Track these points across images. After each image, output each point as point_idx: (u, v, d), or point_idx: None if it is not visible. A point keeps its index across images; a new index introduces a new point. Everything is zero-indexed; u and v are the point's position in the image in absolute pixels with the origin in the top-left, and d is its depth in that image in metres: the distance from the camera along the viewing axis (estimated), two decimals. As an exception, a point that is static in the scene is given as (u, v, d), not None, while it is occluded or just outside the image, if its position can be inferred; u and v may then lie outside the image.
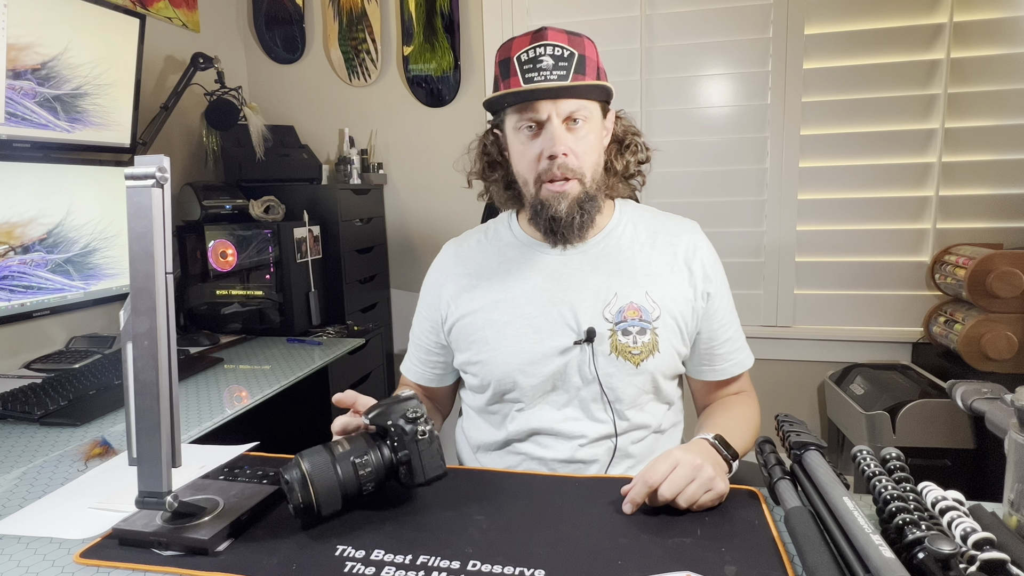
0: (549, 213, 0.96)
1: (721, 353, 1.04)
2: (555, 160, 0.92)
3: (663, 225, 1.06)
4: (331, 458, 0.73)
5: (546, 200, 0.95)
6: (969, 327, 1.79)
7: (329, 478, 0.72)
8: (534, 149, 0.94)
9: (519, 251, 1.04)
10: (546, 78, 0.89)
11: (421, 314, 1.11)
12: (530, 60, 0.90)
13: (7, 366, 1.56)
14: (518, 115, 0.93)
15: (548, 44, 0.90)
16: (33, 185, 1.49)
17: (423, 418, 0.76)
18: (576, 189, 0.95)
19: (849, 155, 2.07)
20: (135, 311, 0.66)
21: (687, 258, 1.02)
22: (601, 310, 0.97)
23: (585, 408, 0.98)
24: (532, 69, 0.89)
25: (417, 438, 0.75)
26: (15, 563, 0.70)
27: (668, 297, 0.99)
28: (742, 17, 2.08)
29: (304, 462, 0.73)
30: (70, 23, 1.56)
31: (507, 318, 0.99)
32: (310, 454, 0.74)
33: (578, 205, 0.95)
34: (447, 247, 1.13)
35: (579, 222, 0.97)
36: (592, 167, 0.96)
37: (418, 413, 0.76)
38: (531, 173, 0.96)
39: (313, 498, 0.72)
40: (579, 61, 0.91)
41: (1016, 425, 0.64)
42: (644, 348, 0.96)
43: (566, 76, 0.89)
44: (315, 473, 0.72)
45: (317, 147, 2.45)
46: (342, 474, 0.73)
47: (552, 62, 0.89)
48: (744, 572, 0.63)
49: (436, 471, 0.76)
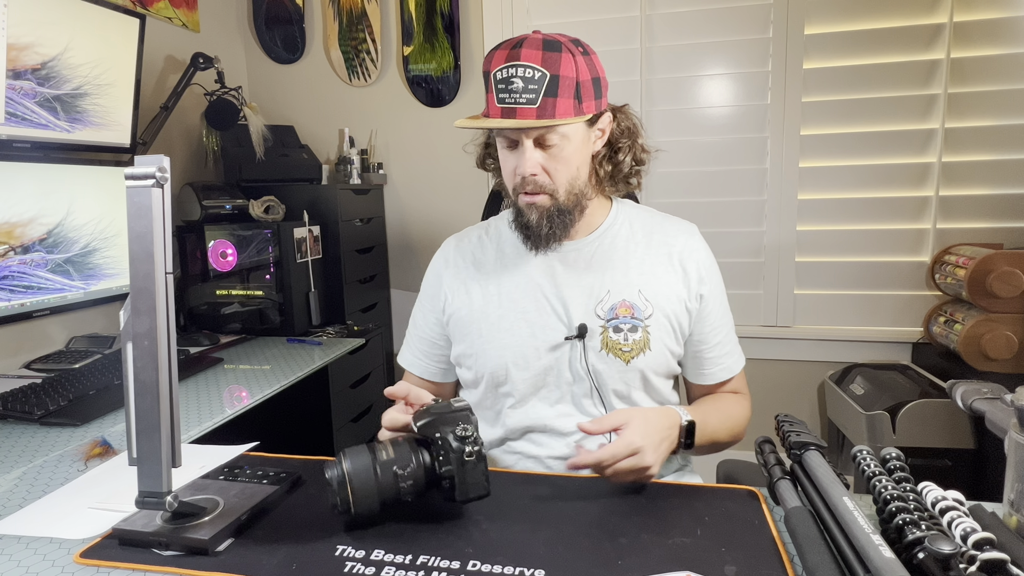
0: (523, 220, 0.99)
1: (710, 357, 1.04)
2: (525, 179, 0.95)
3: (660, 226, 1.07)
4: (373, 462, 0.72)
5: (521, 208, 0.99)
6: (969, 327, 1.79)
7: (368, 482, 0.71)
8: (510, 163, 0.97)
9: (516, 247, 1.06)
10: (516, 101, 0.89)
11: (424, 306, 1.12)
12: (503, 80, 0.90)
13: (7, 366, 1.56)
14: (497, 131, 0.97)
15: (520, 65, 0.89)
16: (33, 185, 1.49)
17: (472, 438, 0.73)
18: (547, 202, 0.96)
19: (849, 155, 2.07)
20: (135, 311, 0.66)
21: (682, 258, 1.03)
22: (593, 307, 0.99)
23: (578, 404, 0.99)
24: (504, 90, 0.90)
25: (464, 459, 0.72)
26: (15, 563, 0.70)
27: (661, 296, 1.00)
28: (742, 17, 2.08)
29: (345, 462, 0.71)
30: (70, 23, 1.56)
31: (501, 311, 1.01)
32: (353, 454, 0.72)
33: (547, 218, 0.97)
34: (448, 242, 1.14)
35: (547, 232, 0.98)
36: (567, 182, 0.96)
37: (468, 432, 0.73)
38: (509, 184, 1.00)
39: (350, 499, 0.71)
40: (551, 83, 0.89)
41: (1016, 425, 0.64)
42: (635, 346, 0.98)
43: (535, 100, 0.89)
44: (355, 475, 0.71)
45: (317, 147, 2.45)
46: (382, 480, 0.71)
47: (522, 84, 0.89)
48: (744, 572, 0.63)
49: (479, 491, 0.74)
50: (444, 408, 0.76)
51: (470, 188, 2.34)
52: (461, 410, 0.75)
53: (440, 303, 1.08)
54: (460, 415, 0.75)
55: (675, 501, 0.78)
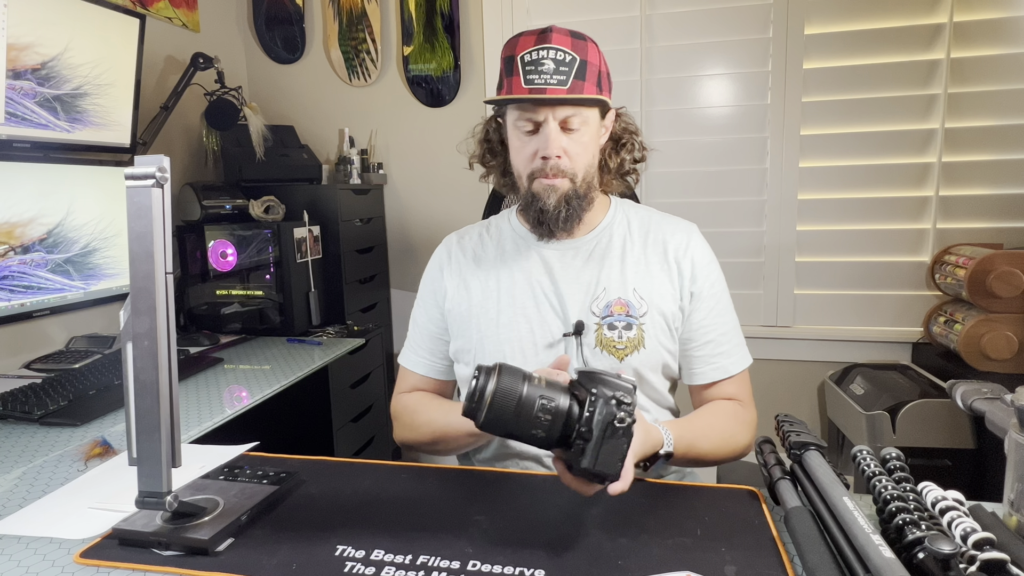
0: (538, 205, 0.99)
1: (700, 356, 1.03)
2: (548, 161, 0.96)
3: (658, 224, 1.08)
4: (522, 385, 0.67)
5: (537, 193, 0.99)
6: (969, 327, 1.79)
7: (508, 405, 0.66)
8: (530, 147, 0.97)
9: (516, 244, 1.08)
10: (546, 82, 0.92)
11: (427, 303, 1.11)
12: (532, 62, 0.92)
13: (7, 366, 1.56)
14: (518, 113, 0.97)
15: (551, 48, 0.92)
16: (33, 185, 1.49)
17: (631, 408, 0.66)
18: (566, 186, 0.98)
19: (849, 155, 2.07)
20: (135, 311, 0.66)
21: (677, 256, 1.03)
22: (589, 304, 1.00)
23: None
24: (534, 71, 0.92)
25: (614, 425, 0.65)
26: (15, 563, 0.70)
27: (656, 294, 1.00)
28: (742, 17, 2.08)
29: (495, 380, 0.67)
30: (70, 23, 1.56)
31: (500, 307, 1.02)
32: (507, 372, 0.68)
33: (565, 201, 0.98)
34: (450, 238, 1.15)
35: (564, 215, 0.99)
36: (584, 167, 0.99)
37: (628, 400, 0.66)
38: (525, 168, 1.00)
39: (482, 415, 0.67)
40: (580, 67, 0.93)
41: (1016, 425, 0.64)
42: (629, 343, 0.98)
43: (566, 82, 0.92)
44: (498, 395, 0.66)
45: (317, 147, 2.45)
46: (524, 404, 0.66)
47: (553, 66, 0.92)
48: (744, 572, 0.63)
49: (609, 469, 0.66)
50: (611, 374, 0.70)
51: (470, 188, 2.33)
52: (628, 383, 0.69)
53: (441, 298, 1.08)
54: (625, 385, 0.68)
55: (675, 501, 0.78)
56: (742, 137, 2.14)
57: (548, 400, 0.67)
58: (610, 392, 0.67)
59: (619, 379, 0.70)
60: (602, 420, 0.66)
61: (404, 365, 1.14)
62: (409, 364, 1.13)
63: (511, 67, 0.95)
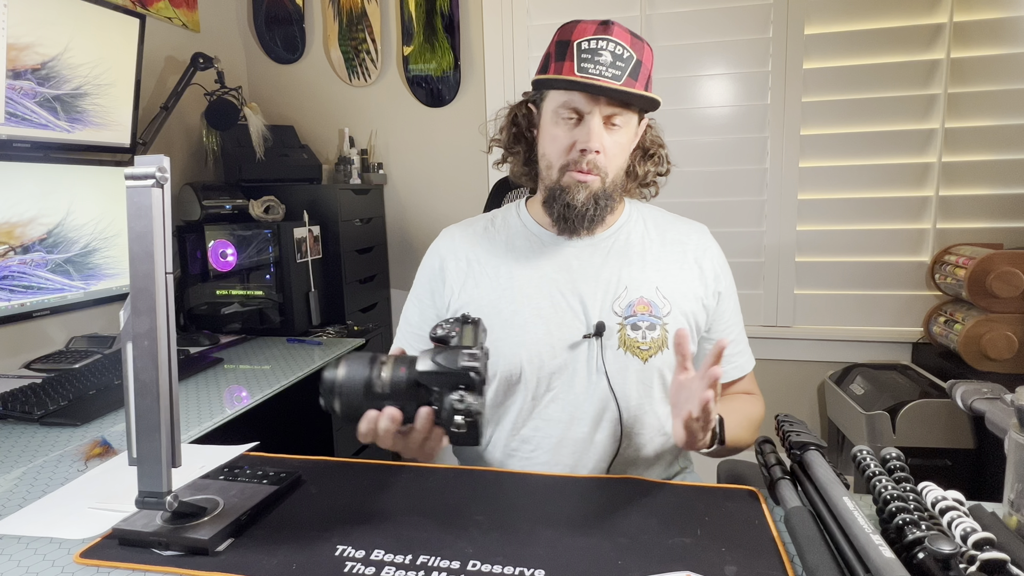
0: (566, 199, 0.96)
1: (725, 356, 1.02)
2: (586, 155, 0.93)
3: (672, 224, 1.08)
4: (367, 383, 0.71)
5: (567, 186, 0.96)
6: (969, 327, 1.78)
7: (355, 399, 0.71)
8: (569, 138, 0.94)
9: (528, 240, 1.04)
10: (601, 73, 0.89)
11: (423, 302, 1.08)
12: (590, 50, 0.90)
13: (7, 366, 1.56)
14: (564, 99, 0.93)
15: (611, 40, 0.90)
16: (33, 185, 1.49)
17: (466, 409, 0.69)
18: (597, 184, 0.96)
19: (849, 155, 2.07)
20: (135, 311, 0.66)
21: (697, 256, 1.03)
22: (611, 304, 0.97)
23: (591, 404, 0.97)
24: (589, 60, 0.89)
25: (453, 429, 0.69)
26: (15, 563, 0.70)
27: (679, 293, 0.99)
28: (742, 17, 2.08)
29: (341, 370, 0.71)
30: (70, 23, 1.56)
31: (514, 307, 0.98)
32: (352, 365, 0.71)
33: (594, 199, 0.96)
34: (450, 231, 1.11)
35: (591, 215, 0.97)
36: (617, 168, 0.98)
37: (464, 405, 0.68)
38: (559, 159, 0.96)
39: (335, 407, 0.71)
40: (635, 66, 0.91)
41: (1016, 425, 0.64)
42: (653, 344, 0.96)
43: (620, 77, 0.90)
44: (344, 385, 0.71)
45: (317, 147, 2.45)
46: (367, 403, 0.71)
47: (611, 59, 0.90)
48: (744, 572, 0.63)
49: (467, 442, 0.70)
50: (450, 358, 0.69)
51: (470, 188, 2.34)
52: (464, 370, 0.69)
53: (444, 298, 1.04)
54: (463, 376, 0.69)
55: (675, 501, 0.78)
56: (742, 137, 2.14)
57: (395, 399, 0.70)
58: (447, 395, 0.69)
59: (457, 366, 0.69)
60: (445, 419, 0.70)
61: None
62: None
63: (564, 51, 0.91)
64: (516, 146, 1.05)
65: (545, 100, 0.97)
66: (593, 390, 0.97)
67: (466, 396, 0.69)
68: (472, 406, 0.69)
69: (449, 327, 0.76)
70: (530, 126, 1.04)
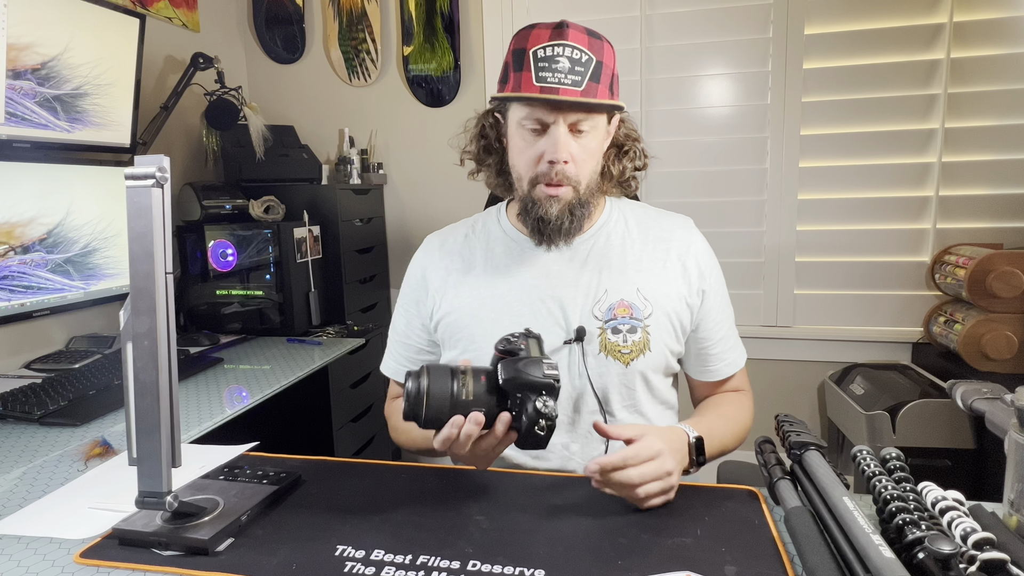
0: (539, 213, 0.95)
1: (715, 353, 1.03)
2: (555, 165, 0.91)
3: (655, 221, 1.05)
4: (451, 393, 0.74)
5: (538, 200, 0.94)
6: (969, 327, 1.78)
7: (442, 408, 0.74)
8: (535, 150, 0.92)
9: (507, 247, 1.03)
10: (560, 81, 0.86)
11: (409, 311, 1.07)
12: (546, 58, 0.87)
13: (7, 366, 1.56)
14: (525, 112, 0.90)
15: (567, 45, 0.86)
16: (33, 185, 1.49)
17: (550, 414, 0.73)
18: (569, 195, 0.94)
19: (849, 155, 2.07)
20: (135, 311, 0.66)
21: (681, 254, 1.00)
22: (591, 308, 0.96)
23: (577, 410, 0.97)
24: (547, 68, 0.86)
25: (535, 431, 0.73)
26: (15, 563, 0.70)
27: (661, 294, 0.97)
28: (742, 17, 2.08)
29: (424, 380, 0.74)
30: (70, 23, 1.56)
31: (494, 315, 0.97)
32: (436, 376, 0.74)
33: (569, 211, 0.94)
34: (430, 240, 1.10)
35: (567, 227, 0.96)
36: (589, 175, 0.95)
37: (548, 409, 0.73)
38: (528, 172, 0.94)
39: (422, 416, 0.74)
40: (595, 68, 0.88)
41: (1016, 425, 0.64)
42: (634, 347, 0.95)
43: (580, 83, 0.87)
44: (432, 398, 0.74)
45: (317, 147, 2.45)
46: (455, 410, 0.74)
47: (568, 65, 0.86)
48: (744, 572, 0.63)
49: (538, 445, 0.75)
50: (535, 368, 0.74)
51: (470, 188, 2.32)
52: (549, 380, 0.74)
53: (427, 307, 1.04)
54: (547, 384, 0.73)
55: (675, 501, 0.78)
56: (742, 137, 2.14)
57: (478, 408, 0.74)
58: (534, 396, 0.73)
59: (543, 375, 0.73)
60: (526, 425, 0.74)
61: (386, 373, 1.11)
62: (391, 372, 1.10)
63: (521, 61, 0.88)
64: (488, 157, 1.04)
65: (509, 111, 0.95)
66: (578, 396, 0.96)
67: (548, 402, 0.73)
68: (554, 411, 0.73)
69: (516, 340, 0.78)
70: (499, 136, 1.02)
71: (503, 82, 0.93)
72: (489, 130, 1.03)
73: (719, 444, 0.93)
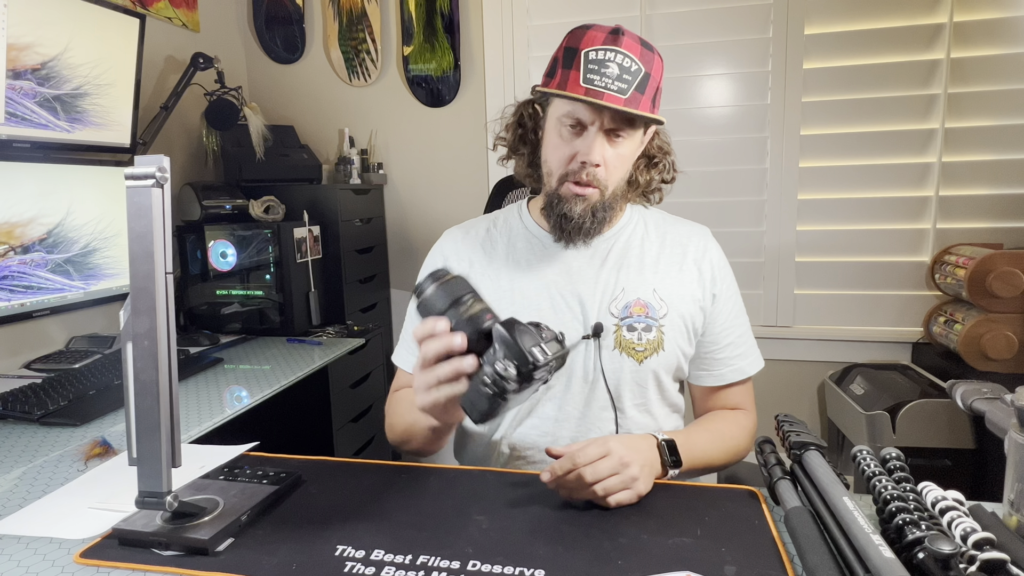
0: (563, 210, 0.96)
1: (721, 358, 1.04)
2: (586, 167, 0.92)
3: (673, 227, 1.07)
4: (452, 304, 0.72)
5: (564, 196, 0.95)
6: (969, 327, 1.78)
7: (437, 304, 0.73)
8: (570, 148, 0.93)
9: (528, 242, 1.04)
10: (607, 86, 0.87)
11: None
12: (597, 61, 0.88)
13: (7, 366, 1.56)
14: (567, 109, 0.91)
15: (620, 52, 0.88)
16: (33, 185, 1.49)
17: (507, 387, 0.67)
18: (596, 197, 0.95)
19: (849, 155, 2.07)
20: (135, 311, 0.66)
21: (697, 259, 1.03)
22: (608, 305, 0.98)
23: (588, 405, 0.98)
24: (596, 71, 0.87)
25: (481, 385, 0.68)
26: (15, 563, 0.70)
27: (676, 296, 0.99)
28: (742, 17, 2.08)
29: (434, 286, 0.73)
30: (70, 23, 1.56)
31: (514, 308, 0.99)
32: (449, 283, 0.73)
33: (592, 212, 0.96)
34: (452, 232, 1.11)
35: (588, 227, 0.97)
36: (617, 181, 0.96)
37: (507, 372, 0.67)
38: (559, 168, 0.95)
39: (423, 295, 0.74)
40: (643, 79, 0.89)
41: (1016, 425, 0.64)
42: (648, 345, 0.97)
43: (626, 91, 0.87)
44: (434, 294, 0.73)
45: (317, 147, 2.45)
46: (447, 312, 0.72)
47: (618, 71, 0.87)
48: (744, 572, 0.63)
49: (469, 409, 0.70)
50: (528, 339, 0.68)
51: (470, 188, 2.34)
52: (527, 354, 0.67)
53: None
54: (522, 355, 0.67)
55: (675, 501, 0.78)
56: (742, 137, 2.14)
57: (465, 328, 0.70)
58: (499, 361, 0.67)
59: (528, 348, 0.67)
60: (476, 377, 0.69)
61: (398, 364, 1.10)
62: (403, 363, 1.09)
63: (572, 60, 0.89)
64: (521, 147, 1.04)
65: (550, 105, 0.96)
66: (590, 391, 0.98)
67: (511, 370, 0.67)
68: (508, 385, 0.67)
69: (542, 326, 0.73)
70: (536, 128, 1.02)
71: (549, 76, 0.94)
72: (527, 120, 1.03)
73: (701, 454, 0.92)
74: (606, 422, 0.98)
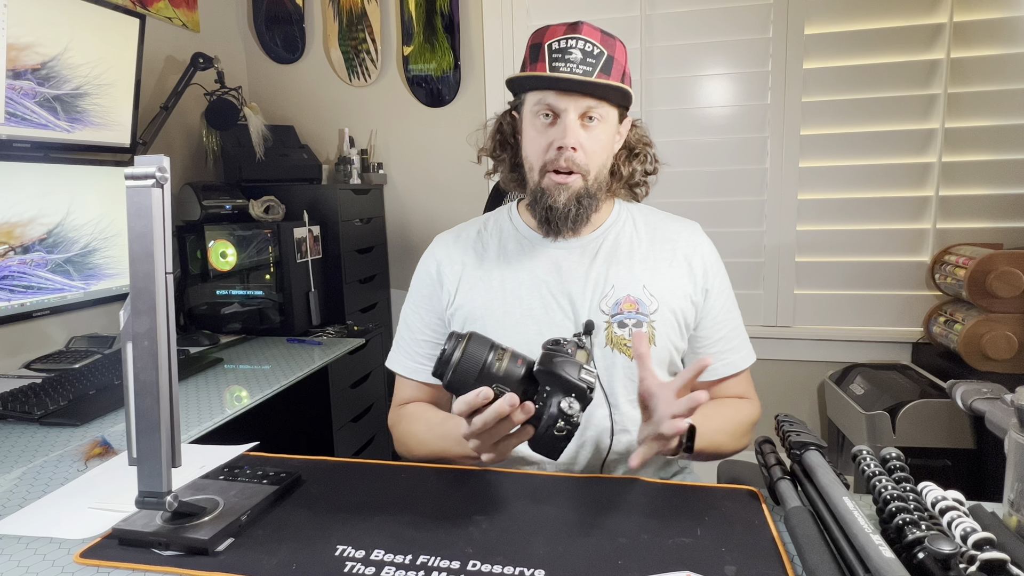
0: (547, 202, 0.97)
1: (713, 352, 1.04)
2: (563, 152, 0.94)
3: (663, 223, 1.08)
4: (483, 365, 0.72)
5: (547, 189, 0.97)
6: (969, 327, 1.78)
7: (468, 377, 0.72)
8: (546, 137, 0.95)
9: (518, 242, 1.05)
10: (572, 70, 0.90)
11: (420, 306, 1.08)
12: (560, 50, 0.91)
13: (7, 366, 1.56)
14: (537, 98, 0.94)
15: (580, 38, 0.91)
16: (33, 185, 1.49)
17: (574, 418, 0.70)
18: (578, 184, 0.96)
19: (849, 155, 2.07)
20: (135, 311, 0.66)
21: (687, 254, 1.03)
22: (598, 302, 0.98)
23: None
24: (560, 59, 0.91)
25: (552, 431, 0.71)
26: (15, 563, 0.70)
27: (666, 291, 1.00)
28: (742, 17, 2.08)
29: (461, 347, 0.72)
30: (70, 23, 1.56)
31: (506, 308, 1.00)
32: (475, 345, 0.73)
33: (576, 199, 0.97)
34: (443, 237, 1.12)
35: (574, 215, 0.98)
36: (598, 166, 0.97)
37: (573, 411, 0.70)
38: (538, 160, 0.97)
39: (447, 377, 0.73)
40: (607, 61, 0.92)
41: (1016, 425, 0.64)
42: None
43: (591, 72, 0.91)
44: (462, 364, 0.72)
45: (317, 147, 2.45)
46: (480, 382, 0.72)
47: (581, 56, 0.91)
48: (744, 572, 0.63)
49: (549, 454, 0.73)
50: (572, 368, 0.72)
51: (470, 188, 2.33)
52: (582, 384, 0.71)
53: (442, 301, 1.06)
54: (579, 388, 0.71)
55: (675, 501, 0.78)
56: (742, 137, 2.14)
57: (501, 389, 0.71)
58: (561, 394, 0.71)
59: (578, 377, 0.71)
60: (546, 422, 0.71)
61: (398, 372, 1.09)
62: (404, 370, 1.08)
63: (536, 53, 0.93)
64: (503, 153, 1.07)
65: (524, 104, 0.99)
66: None
67: (575, 404, 0.70)
68: (577, 416, 0.71)
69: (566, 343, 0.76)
70: (514, 132, 1.05)
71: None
72: (506, 127, 1.07)
73: (711, 438, 0.92)
74: (601, 418, 0.98)
